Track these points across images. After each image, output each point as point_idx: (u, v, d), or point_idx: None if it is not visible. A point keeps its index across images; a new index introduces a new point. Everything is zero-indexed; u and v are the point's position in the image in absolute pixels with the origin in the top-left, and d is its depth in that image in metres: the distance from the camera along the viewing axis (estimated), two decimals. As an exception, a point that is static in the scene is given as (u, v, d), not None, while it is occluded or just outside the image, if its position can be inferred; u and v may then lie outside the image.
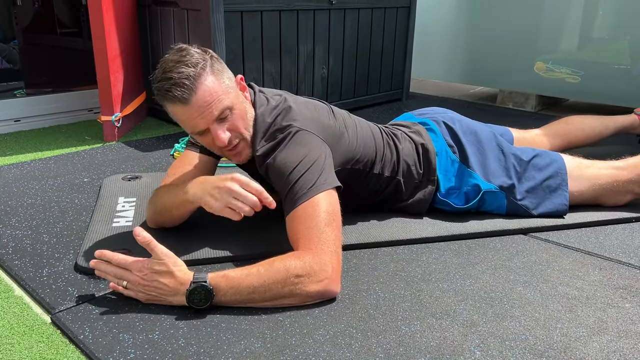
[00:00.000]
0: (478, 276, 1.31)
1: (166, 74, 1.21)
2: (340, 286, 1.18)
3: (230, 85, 1.29)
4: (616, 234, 1.55)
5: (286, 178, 1.25)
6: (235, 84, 1.32)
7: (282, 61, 2.68)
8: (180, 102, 1.22)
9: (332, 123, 1.41)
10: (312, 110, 1.40)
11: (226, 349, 1.03)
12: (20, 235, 1.48)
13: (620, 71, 2.95)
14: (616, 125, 2.08)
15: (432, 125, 1.68)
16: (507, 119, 2.91)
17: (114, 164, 2.11)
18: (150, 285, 1.12)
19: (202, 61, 1.23)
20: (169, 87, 1.21)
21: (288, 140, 1.29)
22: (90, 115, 2.85)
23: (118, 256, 1.14)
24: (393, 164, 1.56)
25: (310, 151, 1.28)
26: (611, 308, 1.19)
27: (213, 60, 1.27)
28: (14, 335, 1.09)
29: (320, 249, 1.15)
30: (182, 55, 1.23)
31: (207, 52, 1.29)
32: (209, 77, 1.23)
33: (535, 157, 1.62)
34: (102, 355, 1.01)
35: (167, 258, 1.11)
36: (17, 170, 2.01)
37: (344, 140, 1.43)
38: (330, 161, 1.32)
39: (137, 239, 1.10)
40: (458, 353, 1.03)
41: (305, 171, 1.24)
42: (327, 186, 1.24)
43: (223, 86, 1.26)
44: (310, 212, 1.20)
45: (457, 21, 3.54)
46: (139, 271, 1.12)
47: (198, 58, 1.23)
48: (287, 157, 1.27)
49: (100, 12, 2.26)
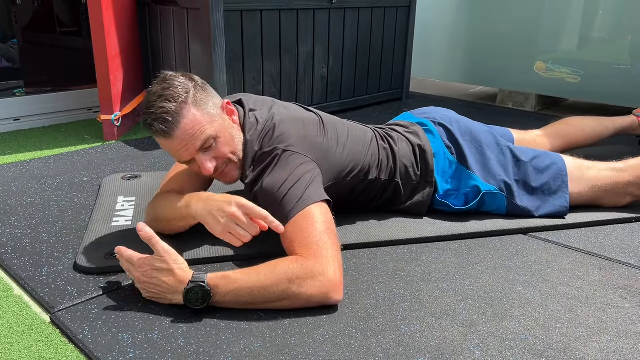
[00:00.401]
0: (478, 276, 1.31)
1: (149, 108, 1.25)
2: (342, 294, 1.16)
3: (215, 114, 1.31)
4: (616, 234, 1.55)
5: (274, 197, 1.26)
6: (221, 110, 1.34)
7: (282, 60, 2.67)
8: (163, 137, 1.26)
9: (320, 140, 1.41)
10: (300, 127, 1.39)
11: (226, 349, 1.03)
12: (20, 234, 1.48)
13: (620, 71, 2.95)
14: (615, 127, 2.09)
15: (430, 126, 1.67)
16: (506, 118, 2.91)
17: (114, 163, 2.11)
18: (150, 283, 1.12)
19: (183, 94, 1.26)
20: (151, 122, 1.25)
21: (274, 165, 1.30)
22: (89, 114, 2.85)
23: (127, 252, 1.15)
24: (390, 166, 1.55)
25: (296, 169, 1.29)
26: (611, 308, 1.19)
27: (197, 89, 1.29)
28: (13, 334, 1.09)
29: (320, 254, 1.14)
30: (164, 88, 1.26)
31: (192, 81, 1.31)
32: (191, 110, 1.26)
33: (535, 159, 1.62)
34: (102, 354, 1.00)
35: (168, 255, 1.11)
36: (17, 169, 2.01)
37: (332, 154, 1.42)
38: (318, 178, 1.32)
39: (139, 234, 1.11)
40: (458, 353, 1.03)
41: (291, 187, 1.25)
42: (315, 199, 1.24)
43: (206, 117, 1.28)
44: (305, 222, 1.20)
45: (457, 21, 3.54)
46: (140, 267, 1.13)
47: (180, 90, 1.26)
48: (272, 180, 1.28)
49: (100, 11, 2.25)
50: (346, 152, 1.46)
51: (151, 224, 1.41)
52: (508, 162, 1.60)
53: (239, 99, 1.47)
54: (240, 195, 1.24)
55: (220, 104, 1.35)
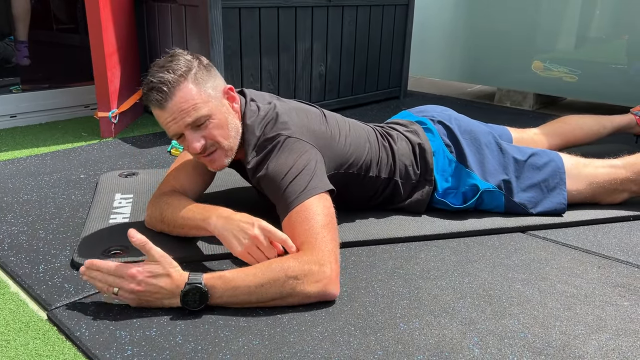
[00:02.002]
0: (476, 274, 1.31)
1: (149, 77, 1.26)
2: (339, 289, 1.17)
3: (213, 95, 1.30)
4: (614, 232, 1.55)
5: (277, 186, 1.26)
6: (221, 93, 1.33)
7: (280, 58, 2.67)
8: (156, 106, 1.27)
9: (323, 128, 1.41)
10: (303, 116, 1.39)
11: (224, 346, 1.02)
12: (16, 231, 1.47)
13: (617, 70, 2.95)
14: (613, 125, 2.09)
15: (430, 124, 1.67)
16: (504, 117, 2.91)
17: (111, 160, 2.10)
18: (144, 290, 1.09)
19: (185, 68, 1.26)
20: (148, 90, 1.26)
21: (277, 150, 1.30)
22: (87, 111, 2.84)
23: (108, 264, 1.11)
24: (390, 165, 1.55)
25: (300, 157, 1.28)
26: (609, 306, 1.19)
27: (200, 67, 1.29)
28: (9, 331, 1.08)
29: (318, 249, 1.14)
30: (168, 61, 1.28)
31: (198, 59, 1.31)
32: (189, 85, 1.26)
33: (532, 156, 1.62)
34: (99, 352, 1.00)
35: (164, 259, 1.10)
36: (13, 166, 2.00)
37: (335, 144, 1.42)
38: (321, 166, 1.32)
39: (132, 241, 1.09)
40: (457, 351, 1.02)
41: (296, 177, 1.25)
42: (318, 190, 1.24)
43: (203, 95, 1.28)
44: (305, 215, 1.20)
45: (455, 19, 3.54)
46: (132, 277, 1.09)
47: (182, 65, 1.26)
48: (276, 166, 1.28)
49: (97, 8, 2.24)
50: (348, 143, 1.46)
51: (155, 224, 1.41)
52: (506, 161, 1.60)
53: (240, 89, 1.47)
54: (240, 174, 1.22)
55: (223, 87, 1.34)
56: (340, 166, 1.44)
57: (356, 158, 1.48)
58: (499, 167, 1.59)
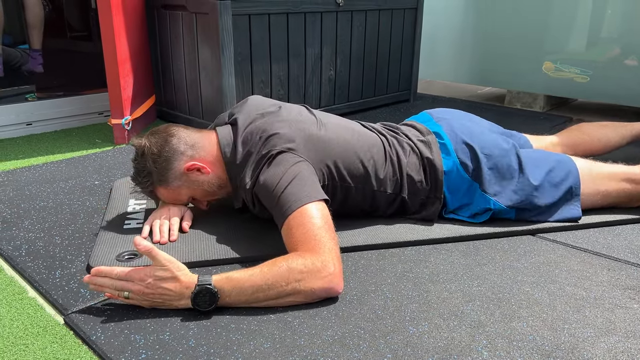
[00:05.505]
0: (486, 277, 1.31)
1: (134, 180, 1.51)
2: (343, 284, 1.19)
3: (180, 183, 1.46)
4: (625, 234, 1.55)
5: (271, 194, 1.31)
6: (185, 176, 1.45)
7: (289, 63, 2.69)
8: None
9: (322, 133, 1.46)
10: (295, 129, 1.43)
11: (236, 350, 1.04)
12: (33, 237, 1.51)
13: (629, 70, 2.93)
14: (632, 134, 2.04)
15: (446, 139, 1.60)
16: (515, 119, 2.91)
17: (125, 166, 2.14)
18: (154, 293, 1.12)
19: (147, 180, 1.45)
20: None
21: (268, 164, 1.36)
22: (100, 118, 2.88)
23: (117, 269, 1.14)
24: (396, 180, 1.54)
25: (291, 167, 1.33)
26: (619, 309, 1.19)
27: (156, 164, 1.43)
28: (28, 336, 1.11)
29: (319, 248, 1.17)
30: (135, 170, 1.48)
31: (150, 152, 1.43)
32: (160, 189, 1.48)
33: (550, 172, 1.57)
34: (114, 355, 1.02)
35: (170, 263, 1.13)
36: (29, 174, 2.04)
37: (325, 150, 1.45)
38: (312, 176, 1.34)
39: (137, 249, 1.11)
40: (465, 354, 1.03)
41: (288, 185, 1.29)
42: (312, 198, 1.26)
43: (174, 190, 1.47)
44: (302, 219, 1.22)
45: (464, 22, 3.54)
46: (142, 280, 1.12)
47: (144, 178, 1.45)
48: (269, 176, 1.33)
49: (109, 16, 2.28)
50: (342, 150, 1.47)
51: None
52: (525, 187, 1.55)
53: (234, 118, 1.52)
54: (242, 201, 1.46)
55: (182, 170, 1.44)
56: (334, 174, 1.45)
57: (353, 168, 1.48)
58: (518, 192, 1.55)
